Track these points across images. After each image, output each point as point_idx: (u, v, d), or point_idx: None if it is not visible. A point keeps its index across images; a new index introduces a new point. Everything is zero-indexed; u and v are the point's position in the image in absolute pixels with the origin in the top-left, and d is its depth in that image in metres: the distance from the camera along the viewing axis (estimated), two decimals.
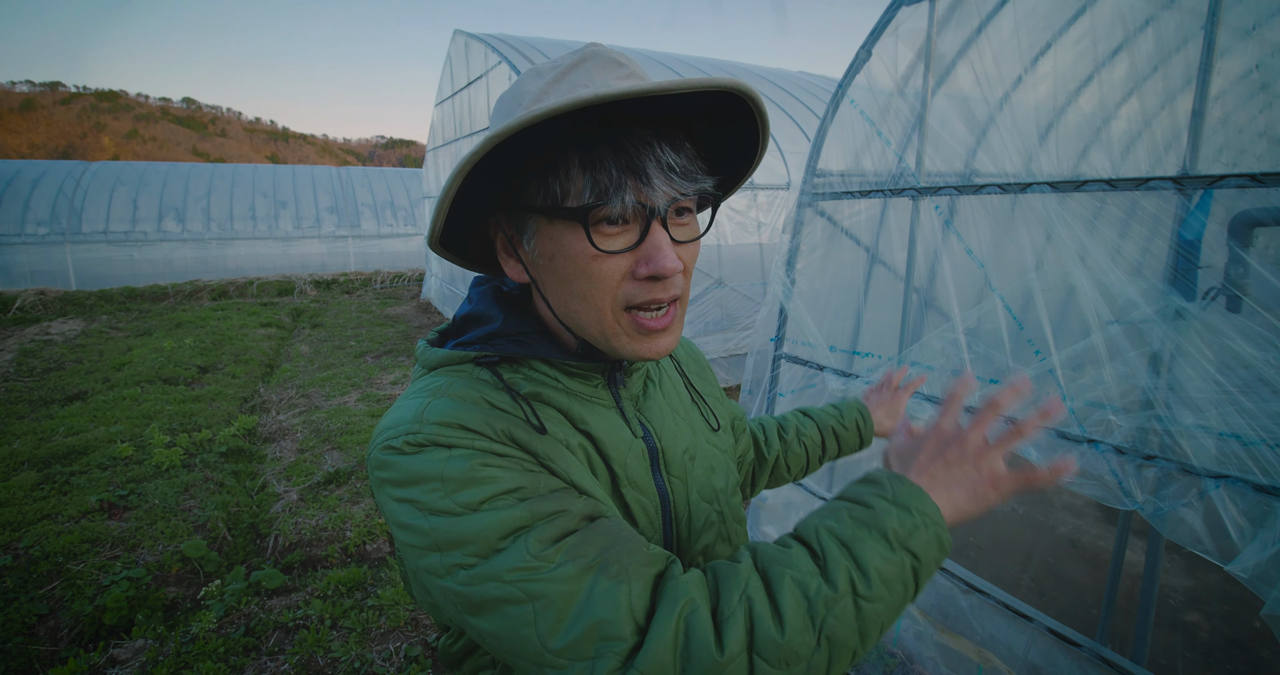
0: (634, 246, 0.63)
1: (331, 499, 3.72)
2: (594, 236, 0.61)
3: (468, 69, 7.87)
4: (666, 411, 0.80)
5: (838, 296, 2.77)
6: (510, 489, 0.58)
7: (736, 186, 0.78)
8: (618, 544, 0.58)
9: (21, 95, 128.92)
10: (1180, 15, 1.74)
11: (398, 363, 7.04)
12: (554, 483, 0.62)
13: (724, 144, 0.72)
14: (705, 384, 0.95)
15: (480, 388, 0.67)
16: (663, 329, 0.66)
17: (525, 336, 0.71)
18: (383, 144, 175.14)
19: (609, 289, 0.64)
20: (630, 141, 0.60)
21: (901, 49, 2.44)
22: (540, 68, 0.66)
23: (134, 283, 11.34)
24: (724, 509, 0.83)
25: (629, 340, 0.66)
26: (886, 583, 0.57)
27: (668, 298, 0.65)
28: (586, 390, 0.73)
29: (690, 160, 0.64)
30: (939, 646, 2.23)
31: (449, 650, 0.82)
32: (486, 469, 0.59)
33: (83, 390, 5.77)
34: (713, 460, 0.84)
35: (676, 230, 0.65)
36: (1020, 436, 0.66)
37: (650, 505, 0.73)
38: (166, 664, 2.41)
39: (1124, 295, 1.71)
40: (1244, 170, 1.49)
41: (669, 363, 0.90)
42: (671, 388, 0.85)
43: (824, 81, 8.96)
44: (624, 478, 0.71)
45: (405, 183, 15.25)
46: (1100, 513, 3.52)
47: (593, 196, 0.60)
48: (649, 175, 0.60)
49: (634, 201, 0.60)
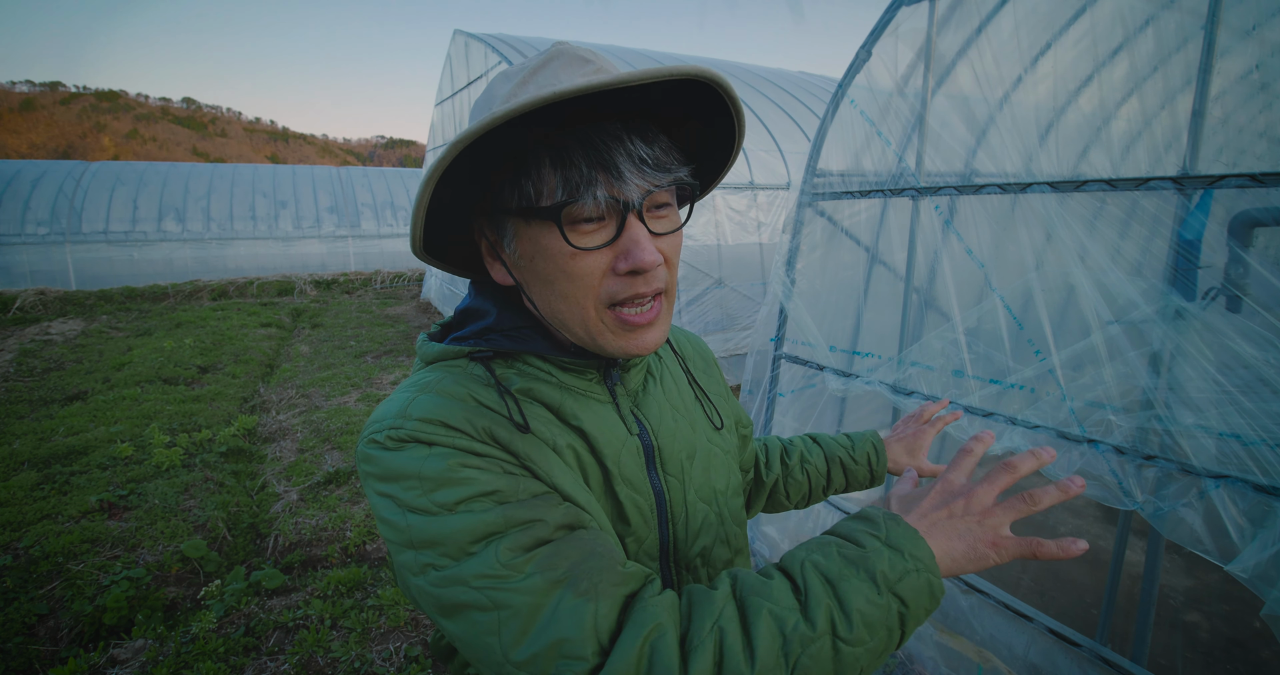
0: (611, 242, 0.62)
1: (331, 499, 3.73)
2: (570, 234, 0.61)
3: (468, 69, 7.87)
4: (666, 408, 0.79)
5: (838, 296, 2.77)
6: (487, 492, 0.58)
7: (718, 179, 0.77)
8: (591, 559, 0.57)
9: (21, 95, 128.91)
10: (1180, 15, 1.74)
11: (398, 363, 7.04)
12: (534, 487, 0.61)
13: (713, 142, 0.72)
14: (710, 381, 0.93)
15: (470, 384, 0.67)
16: (647, 324, 0.65)
17: (519, 331, 0.71)
18: (383, 144, 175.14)
19: (590, 287, 0.63)
20: (599, 136, 0.60)
21: (901, 49, 2.44)
22: (510, 70, 0.66)
23: (134, 283, 11.33)
24: (723, 510, 0.81)
25: (614, 337, 0.66)
26: (869, 626, 0.54)
27: (650, 291, 0.64)
28: (581, 385, 0.72)
29: (665, 151, 0.63)
30: (939, 646, 2.23)
31: (439, 644, 0.83)
32: (465, 469, 0.58)
33: (83, 390, 5.77)
34: (713, 460, 0.82)
35: (654, 223, 0.64)
36: (1034, 506, 0.61)
37: (645, 503, 0.73)
38: (166, 664, 2.41)
39: (1124, 295, 1.71)
40: (1244, 170, 1.49)
41: (672, 358, 0.88)
42: (673, 384, 0.84)
43: (824, 81, 8.95)
44: (617, 475, 0.71)
45: (405, 183, 15.25)
46: (1100, 513, 3.52)
47: (565, 194, 0.60)
48: (619, 169, 0.59)
49: (606, 196, 0.59)
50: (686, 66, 0.56)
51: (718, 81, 0.59)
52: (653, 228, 0.63)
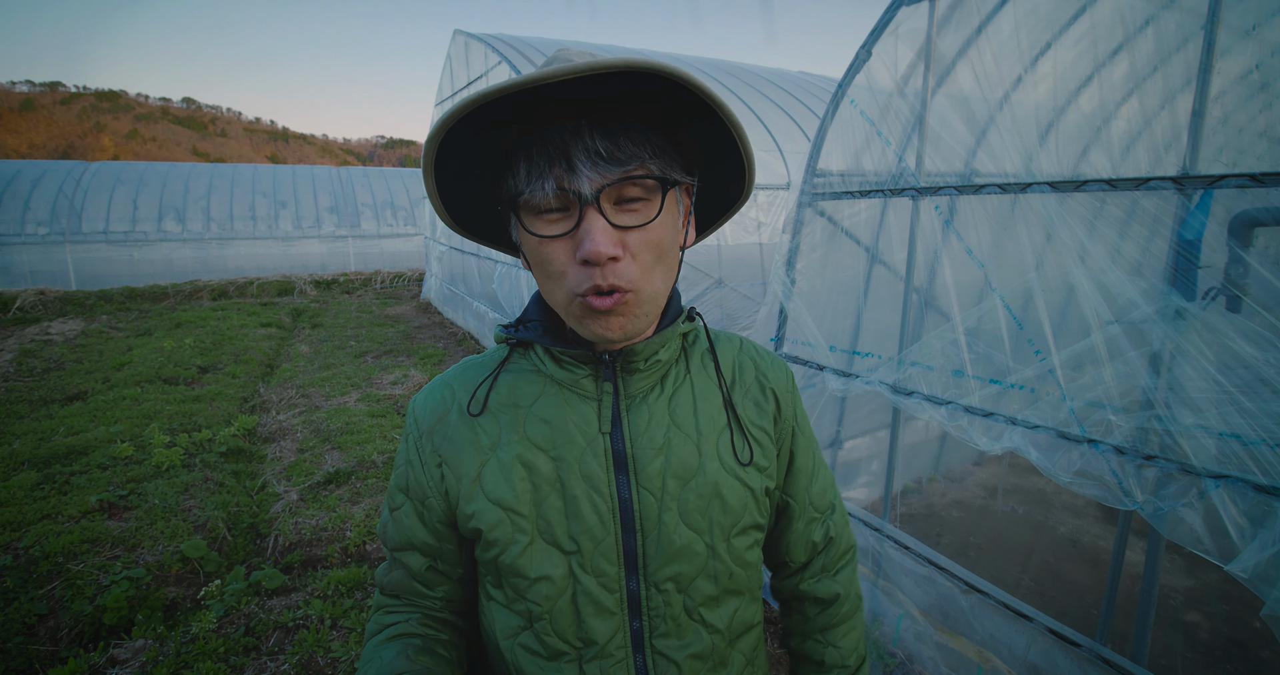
0: (569, 232, 0.64)
1: (331, 499, 3.73)
2: (533, 223, 0.65)
3: (468, 69, 7.87)
4: (664, 422, 0.76)
5: (838, 296, 2.77)
6: (394, 507, 0.83)
7: (745, 186, 0.75)
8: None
9: (21, 95, 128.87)
10: (1180, 15, 1.74)
11: (398, 363, 7.04)
12: (400, 536, 0.82)
13: (725, 144, 0.70)
14: (757, 414, 0.82)
15: (477, 369, 0.82)
16: (607, 310, 0.64)
17: (531, 323, 0.78)
18: (383, 144, 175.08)
19: (560, 274, 0.66)
20: (558, 132, 0.62)
21: (901, 49, 2.43)
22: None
23: (134, 283, 11.33)
24: (718, 546, 0.76)
25: (585, 320, 0.67)
26: None
27: (606, 286, 0.63)
28: (567, 378, 0.75)
29: (631, 145, 0.62)
30: (939, 646, 2.23)
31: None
32: (397, 492, 0.82)
33: (83, 390, 5.77)
34: (719, 490, 0.76)
35: (620, 215, 0.64)
36: None
37: (604, 505, 0.73)
38: (166, 664, 2.41)
39: (1124, 295, 1.71)
40: (1244, 170, 1.49)
41: (710, 378, 0.81)
42: (690, 401, 0.78)
43: (824, 81, 8.95)
44: (574, 467, 0.73)
45: (405, 183, 15.25)
46: (1100, 513, 3.52)
47: (524, 186, 0.63)
48: (573, 162, 0.61)
49: (555, 188, 0.61)
50: (620, 59, 0.54)
51: (666, 71, 0.54)
52: (617, 220, 0.63)
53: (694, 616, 0.76)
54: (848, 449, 3.24)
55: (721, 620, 0.78)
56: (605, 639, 0.73)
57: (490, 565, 0.75)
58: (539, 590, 0.73)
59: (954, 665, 2.17)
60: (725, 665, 0.79)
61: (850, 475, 3.30)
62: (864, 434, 3.28)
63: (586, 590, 0.73)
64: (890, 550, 2.41)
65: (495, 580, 0.76)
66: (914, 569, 2.33)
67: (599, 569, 0.73)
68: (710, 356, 0.83)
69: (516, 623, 0.75)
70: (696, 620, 0.77)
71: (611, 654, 0.74)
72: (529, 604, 0.74)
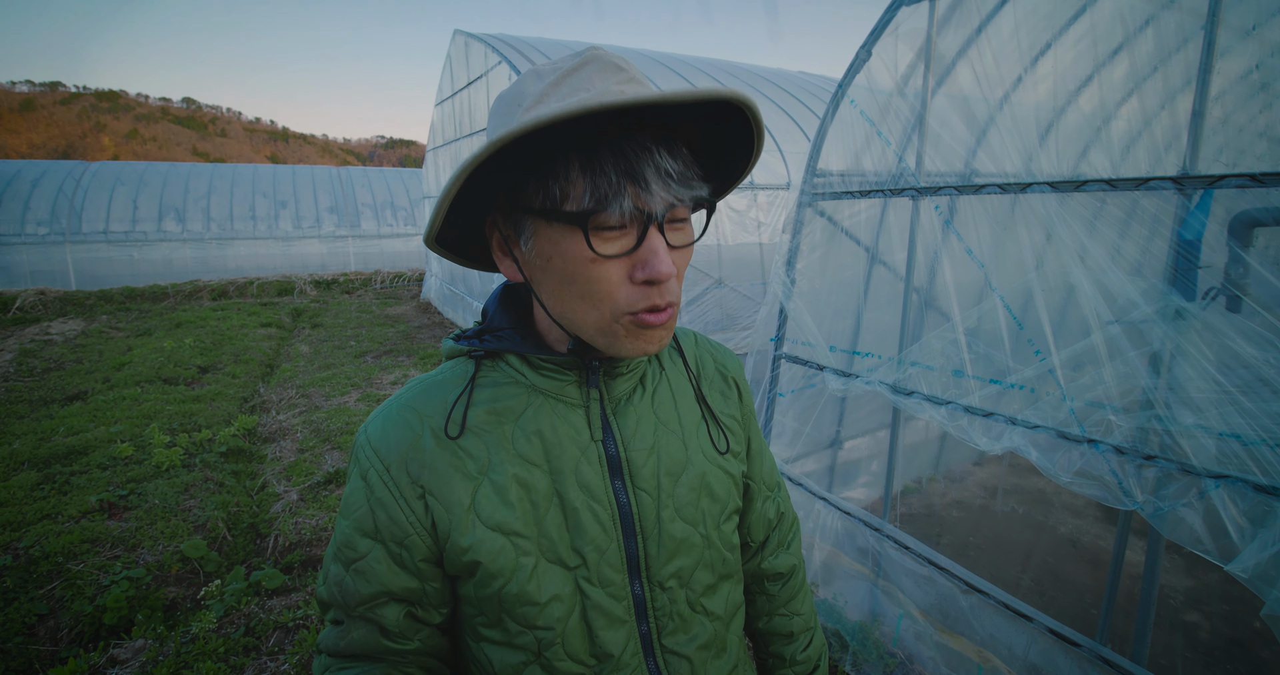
0: (630, 251, 0.62)
1: (331, 499, 3.73)
2: (593, 241, 0.61)
3: (468, 69, 7.87)
4: (649, 421, 0.76)
5: (838, 296, 2.77)
6: (354, 558, 0.73)
7: (730, 188, 0.77)
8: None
9: (21, 95, 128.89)
10: (1180, 15, 1.74)
11: (398, 363, 7.04)
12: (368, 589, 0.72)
13: (718, 143, 0.71)
14: (724, 403, 0.87)
15: (444, 388, 0.74)
16: (661, 325, 0.66)
17: (502, 332, 0.75)
18: (383, 144, 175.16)
19: (608, 293, 0.63)
20: (630, 147, 0.60)
21: (901, 49, 2.43)
22: (541, 69, 0.66)
23: (134, 283, 11.34)
24: (711, 534, 0.78)
25: (628, 337, 0.66)
26: None
27: (664, 304, 0.64)
28: (552, 387, 0.73)
29: (686, 166, 0.63)
30: (939, 646, 2.23)
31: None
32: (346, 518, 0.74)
33: (83, 390, 5.77)
34: (706, 481, 0.78)
35: (672, 235, 0.64)
36: None
37: (604, 512, 0.72)
38: (166, 664, 2.41)
39: (1124, 295, 1.71)
40: (1244, 170, 1.49)
41: (680, 374, 0.84)
42: (670, 398, 0.80)
43: (824, 81, 8.96)
44: (572, 480, 0.71)
45: (405, 183, 15.25)
46: (1100, 513, 3.52)
47: (592, 201, 0.60)
48: (647, 181, 0.59)
49: (632, 207, 0.60)
50: (725, 90, 0.56)
51: (749, 106, 0.60)
52: (670, 240, 0.64)
53: (696, 608, 0.78)
54: (848, 449, 3.24)
55: (720, 606, 0.80)
56: (620, 649, 0.73)
57: (489, 601, 0.70)
58: (551, 613, 0.70)
59: (954, 665, 2.17)
60: (725, 650, 0.82)
61: (850, 475, 3.30)
62: (864, 434, 3.28)
63: (596, 603, 0.72)
64: (890, 550, 2.41)
65: (491, 618, 0.72)
66: (914, 569, 2.33)
67: (606, 578, 0.72)
68: (677, 352, 0.86)
69: (519, 659, 0.71)
70: (699, 611, 0.78)
71: (627, 663, 0.73)
72: (538, 633, 0.70)
